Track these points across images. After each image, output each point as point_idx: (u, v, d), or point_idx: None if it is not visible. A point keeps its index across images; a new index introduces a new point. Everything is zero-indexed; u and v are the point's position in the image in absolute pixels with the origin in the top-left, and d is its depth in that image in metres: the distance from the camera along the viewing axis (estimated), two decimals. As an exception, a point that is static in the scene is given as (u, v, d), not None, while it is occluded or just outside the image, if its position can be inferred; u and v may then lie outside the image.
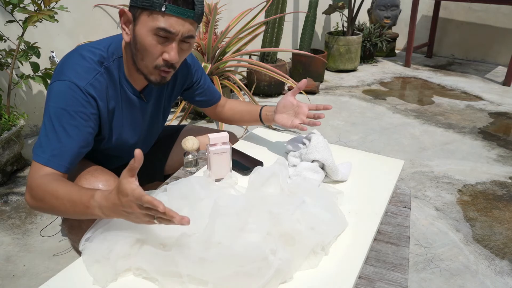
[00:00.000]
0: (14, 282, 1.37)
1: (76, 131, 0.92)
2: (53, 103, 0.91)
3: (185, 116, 2.58)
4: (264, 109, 1.25)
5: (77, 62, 0.95)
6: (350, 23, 3.89)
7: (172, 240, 0.77)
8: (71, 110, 0.91)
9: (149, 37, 0.90)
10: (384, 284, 0.75)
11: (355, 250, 0.81)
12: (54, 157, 0.89)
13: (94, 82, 0.95)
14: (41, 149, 0.90)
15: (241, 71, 3.28)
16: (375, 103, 3.18)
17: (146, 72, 0.97)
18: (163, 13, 0.88)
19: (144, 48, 0.92)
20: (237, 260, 0.70)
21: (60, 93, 0.91)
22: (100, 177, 1.00)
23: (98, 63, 0.96)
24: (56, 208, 0.84)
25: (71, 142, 0.91)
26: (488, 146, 2.47)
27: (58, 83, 0.92)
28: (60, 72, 0.94)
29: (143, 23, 0.90)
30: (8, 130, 1.93)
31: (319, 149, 1.05)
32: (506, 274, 1.45)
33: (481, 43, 4.36)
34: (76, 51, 0.98)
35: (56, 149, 0.89)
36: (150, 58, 0.94)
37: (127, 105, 1.06)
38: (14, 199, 1.85)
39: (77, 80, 0.92)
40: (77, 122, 0.92)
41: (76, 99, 0.92)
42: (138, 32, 0.91)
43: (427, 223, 1.73)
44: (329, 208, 0.88)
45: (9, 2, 1.88)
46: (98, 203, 0.76)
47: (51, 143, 0.89)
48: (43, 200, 0.85)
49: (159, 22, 0.88)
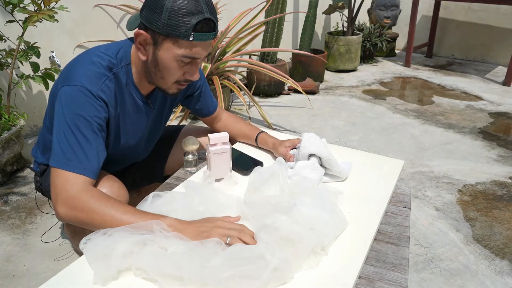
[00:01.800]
0: (14, 282, 1.37)
1: (95, 136, 0.92)
2: (67, 109, 0.90)
3: (185, 116, 2.58)
4: (262, 136, 1.24)
5: (87, 67, 0.95)
6: (350, 23, 3.89)
7: (173, 246, 0.77)
8: (86, 115, 0.90)
9: (174, 62, 0.93)
10: (384, 284, 0.75)
11: (355, 250, 0.81)
12: (82, 164, 0.87)
13: (104, 87, 0.95)
14: (65, 157, 0.87)
15: (241, 71, 3.28)
16: (375, 103, 3.18)
17: (165, 87, 1.00)
18: (190, 42, 0.89)
19: (167, 70, 0.95)
20: (236, 262, 0.70)
21: (74, 98, 0.91)
22: (104, 183, 0.99)
23: (107, 68, 0.97)
24: (99, 223, 0.81)
25: (92, 148, 0.90)
26: (488, 146, 2.47)
27: (70, 88, 0.91)
28: (70, 76, 0.94)
29: (167, 49, 0.91)
30: (8, 130, 1.93)
31: (312, 142, 1.05)
32: (506, 274, 1.45)
33: (481, 43, 4.36)
34: (85, 55, 0.98)
35: (81, 156, 0.88)
36: (172, 77, 0.97)
37: (133, 110, 1.07)
38: (14, 199, 1.85)
39: (89, 86, 0.92)
40: (94, 127, 0.92)
41: (90, 104, 0.91)
42: (162, 56, 0.93)
43: (427, 223, 1.73)
44: (329, 208, 0.87)
45: (9, 2, 1.88)
46: (169, 221, 0.80)
47: (75, 150, 0.88)
48: (85, 214, 0.82)
49: (186, 51, 0.91)
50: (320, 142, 1.07)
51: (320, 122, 2.79)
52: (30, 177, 2.03)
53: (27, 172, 2.08)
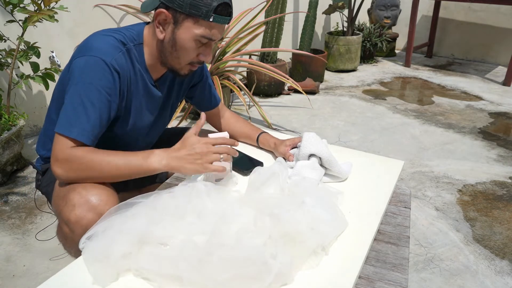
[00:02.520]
0: (14, 282, 1.37)
1: (103, 106, 0.94)
2: (80, 78, 0.92)
3: (185, 116, 2.58)
4: (264, 137, 1.25)
5: (101, 39, 0.97)
6: (350, 23, 3.89)
7: (171, 239, 0.77)
8: (98, 85, 0.92)
9: (191, 42, 0.96)
10: (384, 284, 0.75)
11: (355, 250, 0.81)
12: (83, 131, 0.91)
13: (118, 58, 0.97)
14: (69, 123, 0.91)
15: (241, 71, 3.27)
16: (375, 103, 3.18)
17: (178, 67, 1.03)
18: (210, 22, 0.93)
19: (184, 50, 0.98)
20: (237, 263, 0.70)
21: (86, 67, 0.93)
22: (92, 191, 0.94)
23: (120, 42, 0.99)
24: (98, 174, 0.91)
25: (98, 117, 0.93)
26: (488, 146, 2.47)
27: (84, 58, 0.93)
28: (84, 48, 0.96)
29: (187, 28, 0.94)
30: (8, 130, 1.93)
31: (313, 143, 1.05)
32: (506, 274, 1.45)
33: (481, 43, 4.36)
34: (97, 32, 1.01)
35: (85, 123, 0.91)
36: (187, 58, 1.00)
37: (144, 91, 1.08)
38: (14, 199, 1.85)
39: (103, 56, 0.93)
40: (103, 97, 0.94)
41: (103, 74, 0.93)
42: (180, 36, 0.96)
43: (427, 223, 1.73)
44: (329, 208, 0.87)
45: (9, 2, 1.88)
46: (159, 152, 0.92)
47: (80, 117, 0.91)
48: (82, 170, 0.90)
49: (205, 31, 0.94)
50: (321, 142, 1.07)
51: (320, 122, 2.79)
52: (30, 177, 2.03)
53: (27, 172, 2.08)
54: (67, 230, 0.94)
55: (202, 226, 0.79)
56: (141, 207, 0.85)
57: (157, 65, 1.06)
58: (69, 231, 0.93)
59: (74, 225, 0.90)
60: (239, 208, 0.83)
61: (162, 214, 0.82)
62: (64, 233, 1.00)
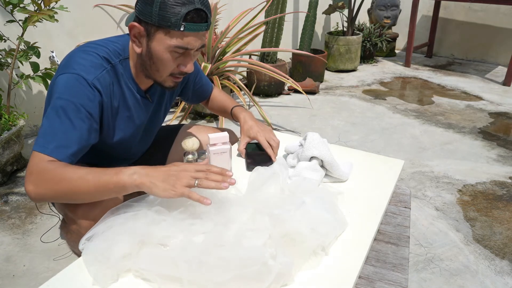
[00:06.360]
0: (14, 282, 1.37)
1: (81, 124, 0.91)
2: (59, 94, 0.90)
3: (185, 116, 2.58)
4: (236, 110, 1.29)
5: (84, 57, 0.95)
6: (350, 23, 3.89)
7: (171, 240, 0.77)
8: (77, 102, 0.90)
9: (167, 53, 0.93)
10: (384, 284, 0.75)
11: (355, 250, 0.81)
12: (59, 147, 0.87)
13: (100, 77, 0.95)
14: (45, 140, 0.87)
15: (241, 71, 3.28)
16: (375, 103, 3.18)
17: (160, 80, 1.00)
18: (181, 32, 0.90)
19: (161, 62, 0.95)
20: (237, 264, 0.70)
21: (67, 85, 0.91)
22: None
23: (104, 60, 0.97)
24: (66, 188, 0.82)
25: (76, 134, 0.90)
26: (488, 146, 2.47)
27: (65, 76, 0.92)
28: (67, 66, 0.94)
29: (159, 40, 0.92)
30: (8, 130, 1.93)
31: (316, 145, 1.05)
32: (506, 274, 1.45)
33: (481, 43, 4.36)
34: (81, 48, 0.99)
35: (62, 140, 0.88)
36: (166, 69, 0.97)
37: (132, 104, 1.07)
38: (14, 199, 1.85)
39: (84, 74, 0.92)
40: (82, 115, 0.91)
41: (83, 92, 0.91)
42: (155, 48, 0.93)
43: (427, 223, 1.73)
44: (329, 208, 0.87)
45: (9, 2, 1.88)
46: (134, 167, 0.81)
47: (56, 134, 0.88)
48: (51, 183, 0.83)
49: (177, 41, 0.91)
50: (324, 145, 1.07)
51: (320, 122, 2.79)
52: (30, 177, 2.03)
53: (27, 172, 2.08)
54: (73, 226, 0.95)
55: (202, 227, 0.79)
56: (141, 207, 0.85)
57: (143, 78, 1.04)
58: (75, 226, 0.94)
59: (80, 219, 0.90)
60: (239, 208, 0.83)
61: (162, 214, 0.82)
62: (70, 229, 1.00)
